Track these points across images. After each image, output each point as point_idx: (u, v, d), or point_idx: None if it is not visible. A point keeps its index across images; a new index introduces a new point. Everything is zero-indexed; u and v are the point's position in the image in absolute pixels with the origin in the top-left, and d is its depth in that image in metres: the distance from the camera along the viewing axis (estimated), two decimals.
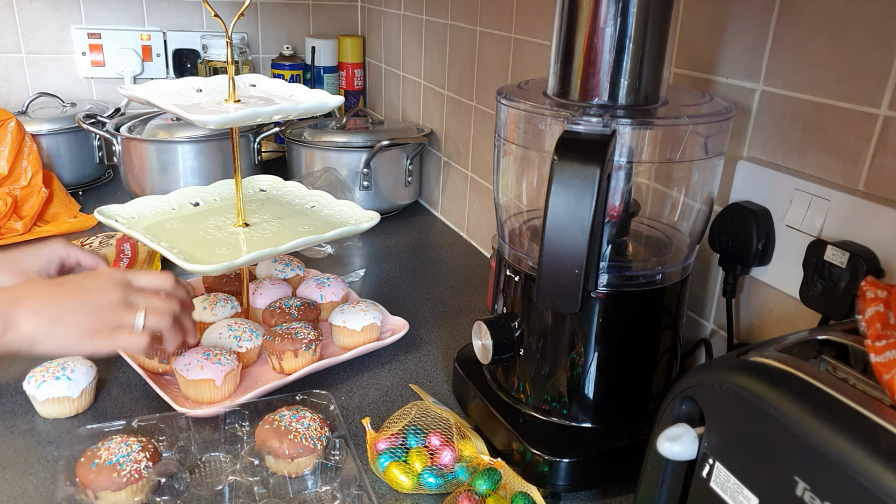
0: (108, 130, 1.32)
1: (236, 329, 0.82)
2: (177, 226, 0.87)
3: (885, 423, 0.35)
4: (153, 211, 0.91)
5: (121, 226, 0.82)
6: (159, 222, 0.88)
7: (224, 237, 0.84)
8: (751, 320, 0.73)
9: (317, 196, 0.95)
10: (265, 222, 0.89)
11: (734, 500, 0.41)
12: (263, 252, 0.76)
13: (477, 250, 1.27)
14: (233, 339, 0.81)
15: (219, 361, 0.75)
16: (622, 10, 0.56)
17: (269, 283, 0.95)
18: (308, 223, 0.89)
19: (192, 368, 0.74)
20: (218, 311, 0.89)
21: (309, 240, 0.80)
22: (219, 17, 0.80)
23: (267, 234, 0.85)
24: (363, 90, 1.78)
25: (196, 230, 0.86)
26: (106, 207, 0.87)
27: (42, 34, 1.54)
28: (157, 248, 0.77)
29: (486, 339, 0.68)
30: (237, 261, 0.74)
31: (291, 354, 0.80)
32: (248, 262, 0.76)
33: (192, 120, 0.71)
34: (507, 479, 0.64)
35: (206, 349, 0.77)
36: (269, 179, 1.01)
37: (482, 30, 1.16)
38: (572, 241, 0.53)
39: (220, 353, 0.77)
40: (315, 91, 0.87)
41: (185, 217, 0.90)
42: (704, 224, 0.68)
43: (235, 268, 0.76)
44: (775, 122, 0.67)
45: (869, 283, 0.43)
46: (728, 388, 0.41)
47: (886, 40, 0.56)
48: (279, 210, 0.93)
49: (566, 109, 0.59)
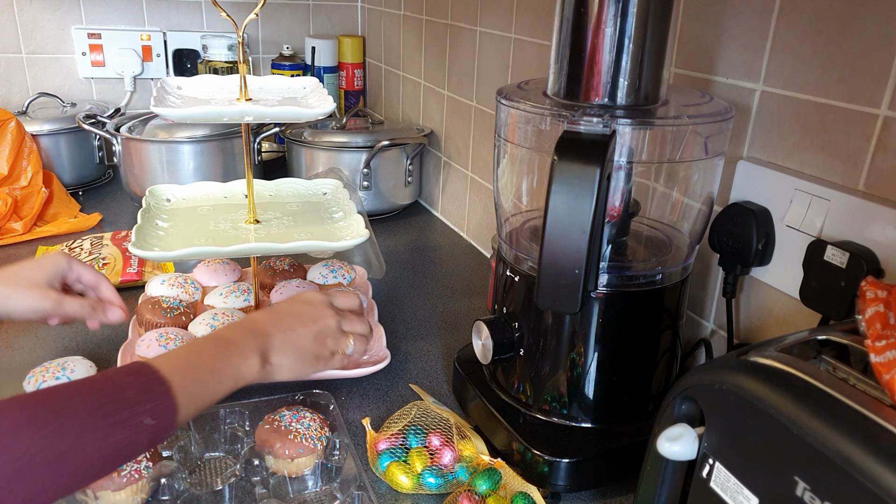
0: (108, 130, 1.33)
1: (218, 319, 0.83)
2: (206, 212, 0.89)
3: (885, 423, 0.35)
4: (205, 195, 0.92)
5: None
6: (193, 208, 0.90)
7: (224, 230, 0.84)
8: (751, 320, 0.73)
9: (346, 206, 0.92)
10: (275, 223, 0.88)
11: (734, 500, 0.41)
12: (191, 250, 0.76)
13: (477, 250, 1.27)
14: (208, 328, 0.82)
15: (165, 345, 0.76)
16: (622, 10, 0.56)
17: (297, 285, 0.94)
18: (313, 232, 0.86)
19: (142, 345, 0.77)
20: (231, 300, 0.89)
21: (266, 247, 0.78)
22: (230, 18, 0.80)
23: (262, 234, 0.85)
24: (363, 90, 1.78)
25: (211, 220, 0.87)
26: (160, 186, 0.91)
27: (42, 34, 1.54)
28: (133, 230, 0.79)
29: (486, 339, 0.68)
30: (169, 254, 0.75)
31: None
32: (173, 258, 0.76)
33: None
34: (507, 479, 0.64)
35: (165, 331, 0.78)
36: (333, 184, 0.99)
37: (482, 30, 1.16)
38: (572, 241, 0.53)
39: (174, 337, 0.79)
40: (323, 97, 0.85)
41: (219, 206, 0.91)
42: (704, 224, 0.68)
43: (158, 259, 0.76)
44: (775, 122, 0.67)
45: (869, 283, 0.43)
46: (728, 388, 0.41)
47: (886, 40, 0.56)
48: (309, 215, 0.92)
49: (566, 109, 0.59)
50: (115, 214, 1.34)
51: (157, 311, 0.83)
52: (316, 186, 0.98)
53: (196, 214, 0.89)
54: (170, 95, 0.83)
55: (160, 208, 0.89)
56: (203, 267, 0.99)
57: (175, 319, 0.83)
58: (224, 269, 0.98)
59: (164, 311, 0.84)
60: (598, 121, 0.56)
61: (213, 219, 0.88)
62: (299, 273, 1.01)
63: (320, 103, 0.81)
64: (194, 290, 0.93)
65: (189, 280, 0.94)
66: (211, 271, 0.98)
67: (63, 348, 0.88)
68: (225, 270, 0.98)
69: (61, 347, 0.88)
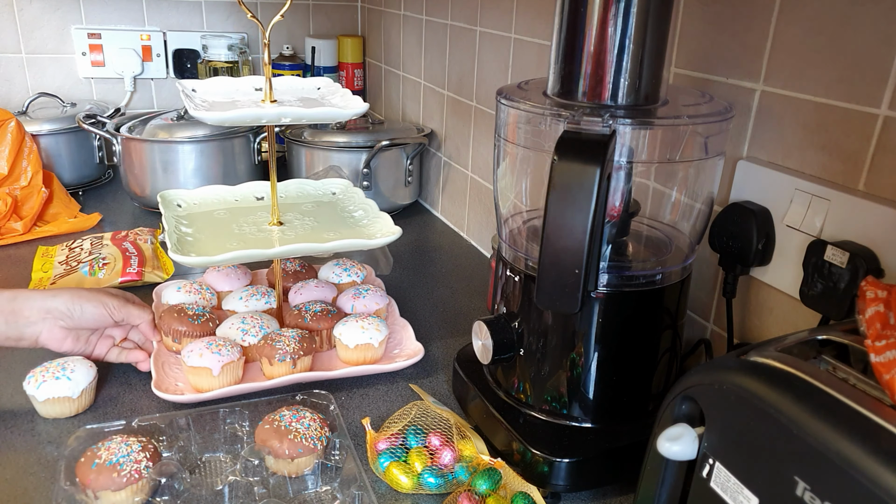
0: (108, 130, 1.33)
1: (248, 323, 0.83)
2: (223, 216, 0.89)
3: (885, 423, 0.35)
4: (215, 199, 0.92)
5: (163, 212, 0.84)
6: (209, 212, 0.90)
7: (250, 233, 0.84)
8: (751, 320, 0.73)
9: (365, 205, 0.93)
10: (298, 224, 0.88)
11: (734, 500, 0.41)
12: (236, 254, 0.76)
13: (477, 250, 1.27)
14: (239, 332, 0.82)
15: (218, 352, 0.76)
16: (622, 10, 0.56)
17: (315, 285, 0.94)
18: (340, 231, 0.87)
19: (193, 355, 0.75)
20: (252, 303, 0.89)
21: (303, 248, 0.79)
22: (255, 19, 0.79)
23: (291, 235, 0.85)
24: (363, 90, 1.78)
25: (233, 224, 0.87)
26: (170, 192, 0.91)
27: (42, 34, 1.54)
28: (164, 237, 0.79)
29: (486, 339, 0.68)
30: (213, 258, 0.75)
31: (267, 361, 0.79)
32: (217, 262, 0.76)
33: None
34: (507, 479, 0.64)
35: (212, 339, 0.78)
36: (342, 184, 0.99)
37: (482, 30, 1.16)
38: (572, 241, 0.53)
39: (223, 343, 0.77)
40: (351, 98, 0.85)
41: (235, 209, 0.91)
42: (704, 224, 0.68)
43: (202, 265, 0.76)
44: (775, 122, 0.67)
45: (869, 283, 0.43)
46: (728, 388, 0.41)
47: (886, 40, 0.56)
48: (328, 215, 0.91)
49: (566, 109, 0.59)
50: (115, 214, 1.34)
51: (184, 318, 0.83)
52: (324, 186, 0.98)
53: (214, 219, 0.89)
54: (194, 98, 0.83)
55: (176, 214, 0.89)
56: (214, 272, 0.98)
57: (203, 326, 0.83)
58: (237, 273, 0.98)
59: (191, 318, 0.83)
60: (598, 121, 0.56)
61: (233, 222, 0.88)
62: (311, 273, 1.01)
63: (349, 103, 0.82)
64: (210, 296, 0.93)
65: (204, 286, 0.94)
66: (223, 276, 0.97)
67: None
68: (237, 274, 0.98)
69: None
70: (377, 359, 0.84)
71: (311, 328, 0.85)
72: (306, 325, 0.85)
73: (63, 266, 1.05)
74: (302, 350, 0.79)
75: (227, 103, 0.83)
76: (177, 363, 0.82)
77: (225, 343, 0.77)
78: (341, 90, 0.88)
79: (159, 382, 0.77)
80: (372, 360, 0.84)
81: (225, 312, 0.92)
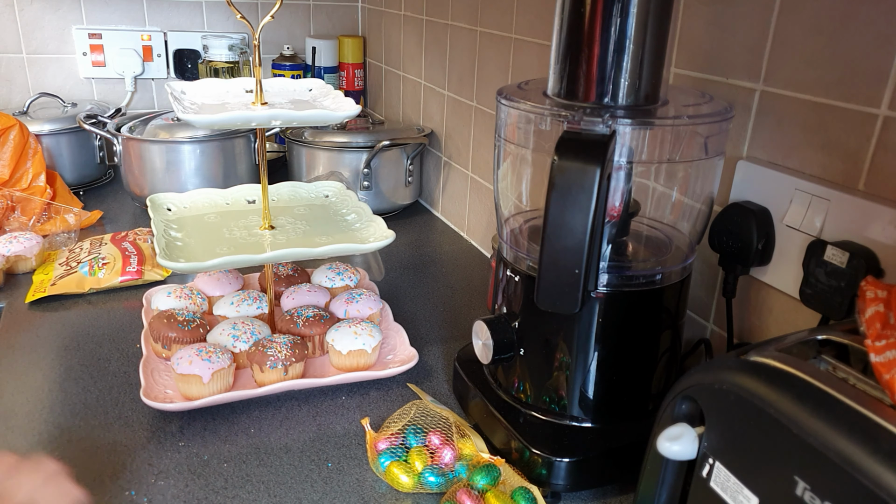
0: (109, 131, 1.33)
1: (239, 329, 0.82)
2: (214, 220, 0.87)
3: (885, 423, 0.35)
4: (206, 203, 0.91)
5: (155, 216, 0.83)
6: (199, 216, 0.88)
7: (241, 237, 0.83)
8: (751, 320, 0.73)
9: (358, 208, 0.91)
10: (290, 228, 0.86)
11: (734, 500, 0.41)
12: (225, 260, 0.74)
13: (477, 250, 1.27)
14: (230, 338, 0.81)
15: (209, 359, 0.74)
16: (622, 10, 0.56)
17: (308, 289, 0.93)
18: (333, 235, 0.85)
19: (183, 362, 0.74)
20: (243, 308, 0.88)
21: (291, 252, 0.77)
22: (245, 19, 0.79)
23: (282, 239, 0.83)
24: (363, 90, 1.78)
25: (224, 228, 0.85)
26: (159, 195, 0.89)
27: (43, 34, 1.55)
28: (154, 242, 0.77)
29: (486, 339, 0.68)
30: (202, 264, 0.73)
31: (258, 368, 0.78)
32: (206, 268, 0.74)
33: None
34: (506, 475, 0.64)
35: (202, 345, 0.77)
36: (335, 186, 0.98)
37: (482, 30, 1.16)
38: (572, 241, 0.53)
39: (214, 350, 0.76)
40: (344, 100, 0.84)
41: (226, 213, 0.90)
42: (704, 224, 0.68)
43: (190, 271, 0.75)
44: (775, 122, 0.67)
45: (869, 283, 0.43)
46: (728, 388, 0.41)
47: (886, 40, 0.56)
48: (321, 218, 0.90)
49: (566, 109, 0.59)
50: (115, 214, 1.34)
51: (174, 324, 0.82)
52: (316, 189, 0.97)
53: (204, 223, 0.87)
54: (183, 100, 0.82)
55: (166, 218, 0.87)
56: (205, 276, 0.97)
57: (193, 332, 0.82)
58: (227, 278, 0.97)
59: (181, 324, 0.82)
60: (598, 121, 0.56)
61: (224, 226, 0.86)
62: (304, 277, 1.00)
63: (340, 105, 0.81)
64: (201, 301, 0.92)
65: (195, 291, 0.93)
66: (214, 280, 0.96)
67: (64, 348, 0.88)
68: (228, 279, 0.97)
69: (62, 347, 0.88)
70: (370, 365, 0.83)
71: (303, 334, 0.83)
72: (298, 330, 0.84)
73: (63, 266, 1.05)
74: (294, 356, 0.78)
75: (217, 106, 0.82)
76: (166, 370, 0.80)
77: (215, 350, 0.76)
78: (333, 92, 0.87)
79: (148, 390, 0.75)
80: (365, 367, 0.83)
81: (216, 318, 0.90)
